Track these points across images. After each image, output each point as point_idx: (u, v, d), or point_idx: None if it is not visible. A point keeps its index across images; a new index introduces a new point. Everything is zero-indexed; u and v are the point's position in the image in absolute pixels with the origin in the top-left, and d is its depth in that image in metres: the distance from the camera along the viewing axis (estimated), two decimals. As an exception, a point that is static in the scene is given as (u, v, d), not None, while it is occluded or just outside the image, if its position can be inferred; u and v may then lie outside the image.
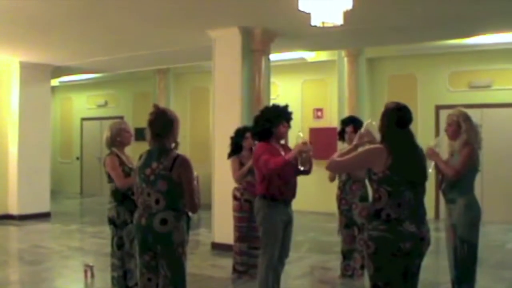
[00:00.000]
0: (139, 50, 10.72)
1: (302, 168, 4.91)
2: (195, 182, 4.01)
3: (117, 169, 5.34)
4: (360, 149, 3.92)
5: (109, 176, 5.45)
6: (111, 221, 5.42)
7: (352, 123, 6.48)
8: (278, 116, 5.18)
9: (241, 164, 6.58)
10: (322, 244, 9.19)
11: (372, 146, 3.85)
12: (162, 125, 4.03)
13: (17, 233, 10.56)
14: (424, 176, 3.77)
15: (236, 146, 6.70)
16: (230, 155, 6.74)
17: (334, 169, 4.09)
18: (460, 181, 5.00)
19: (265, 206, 5.13)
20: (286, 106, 5.29)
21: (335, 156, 3.91)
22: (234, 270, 6.81)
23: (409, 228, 3.57)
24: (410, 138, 3.78)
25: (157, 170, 3.92)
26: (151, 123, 4.04)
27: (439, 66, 11.84)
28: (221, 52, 8.85)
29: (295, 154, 4.87)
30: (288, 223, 5.19)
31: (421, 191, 3.74)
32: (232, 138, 6.79)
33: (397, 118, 3.78)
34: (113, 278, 5.50)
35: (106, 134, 5.59)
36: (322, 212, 11.89)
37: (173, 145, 4.07)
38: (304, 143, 4.86)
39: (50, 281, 6.95)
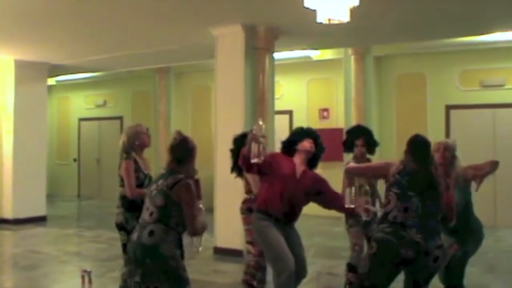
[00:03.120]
0: (139, 48, 10.73)
1: (252, 161, 4.74)
2: (200, 209, 4.11)
3: (131, 176, 5.31)
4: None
5: (121, 180, 5.41)
6: (121, 227, 5.38)
7: (362, 135, 6.20)
8: (302, 133, 5.22)
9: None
10: (328, 249, 9.19)
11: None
12: (182, 151, 4.22)
13: (12, 237, 10.57)
14: (435, 194, 4.01)
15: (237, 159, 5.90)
16: (233, 170, 6.23)
17: (352, 172, 4.51)
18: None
19: (257, 219, 5.07)
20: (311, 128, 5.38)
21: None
22: (247, 284, 6.20)
23: (414, 236, 3.73)
24: (425, 164, 4.08)
25: (160, 187, 4.11)
26: (172, 148, 4.25)
27: (449, 65, 11.82)
28: (224, 50, 8.86)
29: (248, 145, 4.75)
30: (288, 239, 4.98)
31: (432, 205, 3.93)
32: (232, 150, 6.19)
33: (418, 151, 4.13)
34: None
35: (122, 139, 5.50)
36: (328, 216, 11.86)
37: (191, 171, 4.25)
38: (254, 131, 4.70)
39: (46, 287, 6.96)
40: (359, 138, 6.17)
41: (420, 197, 3.88)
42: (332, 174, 5.60)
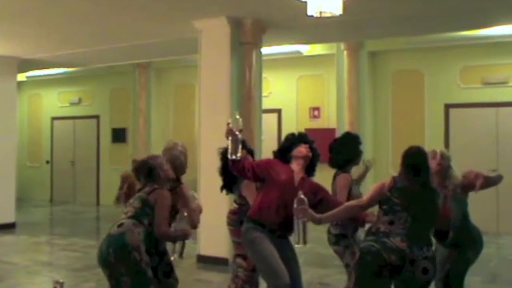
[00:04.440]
0: (117, 42, 10.69)
1: (230, 157, 4.69)
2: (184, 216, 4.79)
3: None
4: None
5: None
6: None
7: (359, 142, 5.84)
8: (295, 139, 5.16)
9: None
10: (320, 256, 9.16)
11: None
12: (144, 174, 4.77)
13: (-22, 246, 10.50)
14: (430, 207, 4.13)
15: (230, 177, 5.66)
16: (223, 188, 6.04)
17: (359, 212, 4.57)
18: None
19: (248, 229, 4.94)
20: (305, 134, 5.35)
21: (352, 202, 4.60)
22: None
23: (398, 243, 3.96)
24: (420, 180, 4.14)
25: (139, 195, 4.66)
26: (136, 175, 4.86)
27: (449, 61, 11.86)
28: (208, 44, 8.86)
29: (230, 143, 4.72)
30: (282, 252, 4.85)
31: (424, 218, 4.08)
32: (222, 169, 5.81)
33: (411, 164, 4.20)
34: None
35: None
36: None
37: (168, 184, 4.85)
38: (230, 124, 4.72)
39: (15, 299, 6.93)
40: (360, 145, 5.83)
41: (410, 211, 4.01)
42: (323, 176, 5.58)
